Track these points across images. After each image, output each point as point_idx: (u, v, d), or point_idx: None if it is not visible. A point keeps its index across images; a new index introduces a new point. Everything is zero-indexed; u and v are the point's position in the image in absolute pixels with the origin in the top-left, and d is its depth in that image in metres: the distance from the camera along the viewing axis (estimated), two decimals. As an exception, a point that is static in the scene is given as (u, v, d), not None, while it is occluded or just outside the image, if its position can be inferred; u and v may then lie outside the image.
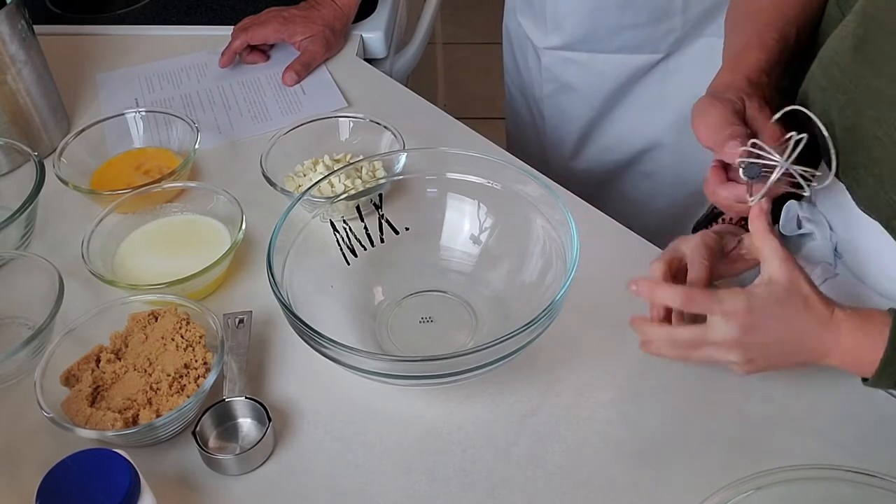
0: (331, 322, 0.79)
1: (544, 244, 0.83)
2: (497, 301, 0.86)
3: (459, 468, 0.74)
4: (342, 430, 0.78)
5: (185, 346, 0.79)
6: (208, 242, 0.93)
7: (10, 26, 1.01)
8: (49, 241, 0.98)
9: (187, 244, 0.94)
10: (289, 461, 0.76)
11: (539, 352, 0.78)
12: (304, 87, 1.21)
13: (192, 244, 0.94)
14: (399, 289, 0.88)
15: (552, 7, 1.22)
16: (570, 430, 0.77)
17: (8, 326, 0.88)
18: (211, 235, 0.94)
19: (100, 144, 1.06)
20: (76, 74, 1.24)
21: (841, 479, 0.66)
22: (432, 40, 1.73)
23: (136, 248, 0.94)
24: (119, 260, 0.92)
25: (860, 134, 0.72)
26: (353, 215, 0.88)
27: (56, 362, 0.78)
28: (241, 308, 0.85)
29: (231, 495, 0.73)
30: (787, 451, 0.74)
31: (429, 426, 0.78)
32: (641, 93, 1.26)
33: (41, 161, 0.96)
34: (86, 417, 0.74)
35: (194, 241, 0.94)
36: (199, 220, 0.96)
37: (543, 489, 0.73)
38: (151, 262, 0.92)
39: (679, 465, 0.74)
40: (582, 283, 0.76)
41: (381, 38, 1.32)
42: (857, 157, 0.73)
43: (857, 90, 0.72)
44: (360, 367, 0.73)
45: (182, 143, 1.07)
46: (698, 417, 0.77)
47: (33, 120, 1.08)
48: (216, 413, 0.77)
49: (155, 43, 1.32)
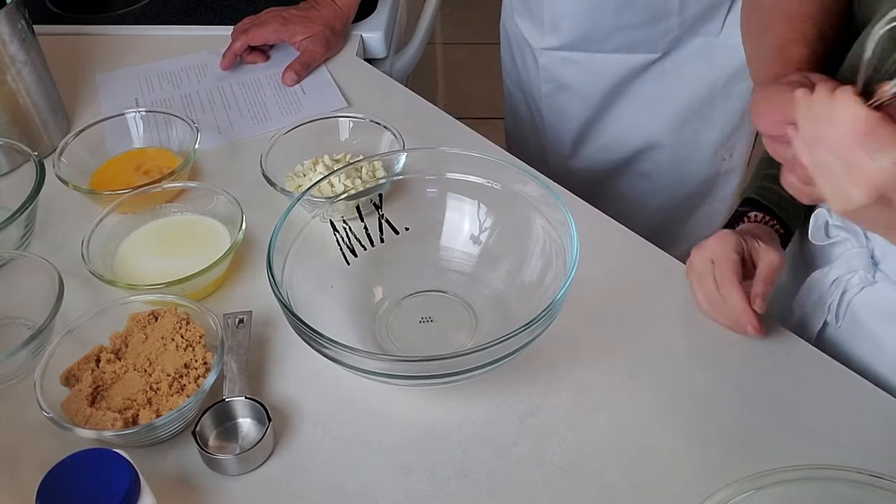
0: (331, 322, 0.79)
1: (544, 244, 0.83)
2: (497, 301, 0.86)
3: (459, 468, 0.74)
4: (342, 430, 0.78)
5: (185, 346, 0.79)
6: (208, 242, 0.93)
7: (10, 26, 1.01)
8: (49, 241, 0.98)
9: (187, 244, 0.94)
10: (289, 461, 0.76)
11: (539, 352, 0.78)
12: (304, 87, 1.21)
13: (192, 244, 0.94)
14: (399, 289, 0.88)
15: (549, 9, 1.22)
16: (570, 430, 0.77)
17: (8, 326, 0.88)
18: (211, 235, 0.94)
19: (100, 144, 1.06)
20: (76, 74, 1.24)
21: (841, 478, 0.66)
22: (432, 40, 1.74)
23: (136, 247, 0.94)
24: (119, 260, 0.92)
25: None
26: (353, 215, 0.88)
27: (56, 362, 0.78)
28: (241, 308, 0.85)
29: (231, 495, 0.73)
30: (787, 451, 0.74)
31: (429, 426, 0.78)
32: (638, 92, 1.27)
33: (41, 161, 0.96)
34: (86, 417, 0.74)
35: (194, 241, 0.94)
36: (199, 220, 0.96)
37: (543, 489, 0.73)
38: (151, 262, 0.92)
39: (679, 465, 0.74)
40: (582, 283, 0.76)
41: (381, 38, 1.32)
42: None
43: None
44: (360, 367, 0.73)
45: (182, 143, 1.07)
46: (698, 417, 0.77)
47: (33, 120, 1.08)
48: (216, 413, 0.77)
49: (155, 43, 1.32)
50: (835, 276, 0.85)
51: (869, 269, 0.82)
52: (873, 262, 0.82)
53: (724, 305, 0.81)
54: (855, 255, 0.83)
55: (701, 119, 1.28)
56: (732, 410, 0.78)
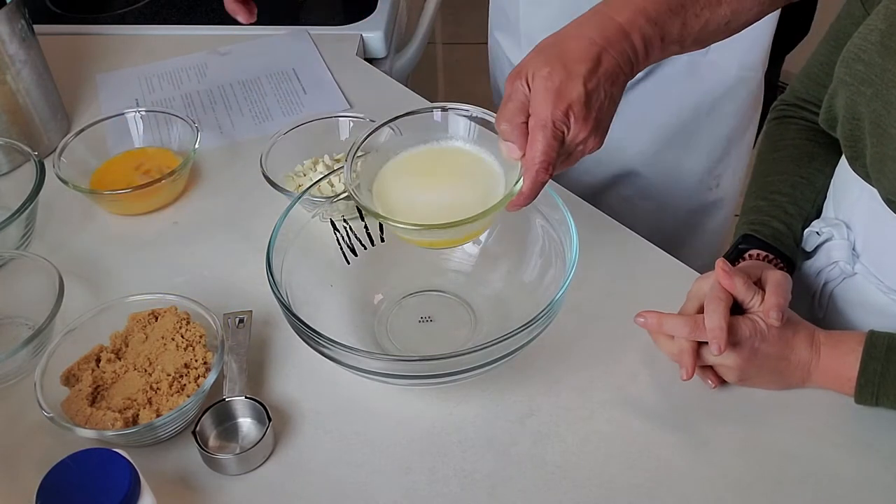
0: (330, 322, 0.79)
1: (544, 244, 0.83)
2: (496, 301, 0.86)
3: (459, 468, 0.74)
4: (342, 430, 0.78)
5: (185, 345, 0.79)
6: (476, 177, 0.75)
7: (9, 26, 1.01)
8: (49, 241, 0.98)
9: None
10: (289, 461, 0.76)
11: (539, 352, 0.78)
12: (305, 86, 1.21)
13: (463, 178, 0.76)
14: (399, 288, 0.88)
15: (525, 22, 1.19)
16: (570, 430, 0.77)
17: (8, 326, 0.88)
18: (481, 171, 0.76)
19: (100, 144, 1.06)
20: (76, 74, 1.24)
21: None
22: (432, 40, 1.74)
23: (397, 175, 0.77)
24: (378, 189, 0.76)
25: (888, 125, 0.73)
26: (353, 215, 0.88)
27: (56, 362, 0.78)
28: (241, 308, 0.85)
29: (231, 495, 0.73)
30: (787, 451, 0.74)
31: (429, 426, 0.78)
32: (620, 112, 1.21)
33: (41, 161, 0.96)
34: (86, 417, 0.74)
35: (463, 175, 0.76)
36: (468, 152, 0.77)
37: (543, 489, 0.73)
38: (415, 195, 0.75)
39: (679, 465, 0.74)
40: (581, 283, 0.76)
41: (381, 37, 1.32)
42: (885, 148, 0.74)
43: (884, 83, 0.73)
44: (359, 366, 0.73)
45: (182, 142, 1.07)
46: (698, 418, 0.77)
47: (33, 120, 1.08)
48: (216, 413, 0.77)
49: (155, 43, 1.32)
50: (818, 267, 0.86)
51: (849, 260, 0.83)
52: (854, 254, 0.83)
53: (692, 323, 0.76)
54: (836, 246, 0.84)
55: (685, 143, 1.21)
56: (732, 411, 0.78)
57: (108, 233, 1.00)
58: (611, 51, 0.69)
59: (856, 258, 0.83)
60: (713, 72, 1.15)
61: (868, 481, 0.72)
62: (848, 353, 0.75)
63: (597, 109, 0.70)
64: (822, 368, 0.76)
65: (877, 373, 0.73)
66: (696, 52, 1.13)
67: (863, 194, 0.80)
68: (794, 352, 0.76)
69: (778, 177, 0.90)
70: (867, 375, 0.73)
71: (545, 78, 0.68)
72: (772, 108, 0.97)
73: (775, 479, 0.72)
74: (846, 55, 0.77)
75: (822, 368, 0.76)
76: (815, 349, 0.76)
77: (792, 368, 0.76)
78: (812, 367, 0.76)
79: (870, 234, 0.81)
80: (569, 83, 0.68)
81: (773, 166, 0.91)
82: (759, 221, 0.87)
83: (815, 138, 0.91)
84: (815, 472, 0.73)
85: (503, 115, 0.70)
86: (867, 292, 0.82)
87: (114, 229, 1.00)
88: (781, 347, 0.75)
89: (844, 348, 0.75)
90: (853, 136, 0.77)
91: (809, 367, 0.76)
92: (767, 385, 0.78)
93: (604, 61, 0.69)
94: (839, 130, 0.80)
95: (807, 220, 0.88)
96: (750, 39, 1.11)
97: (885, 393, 0.73)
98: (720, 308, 0.74)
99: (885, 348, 0.73)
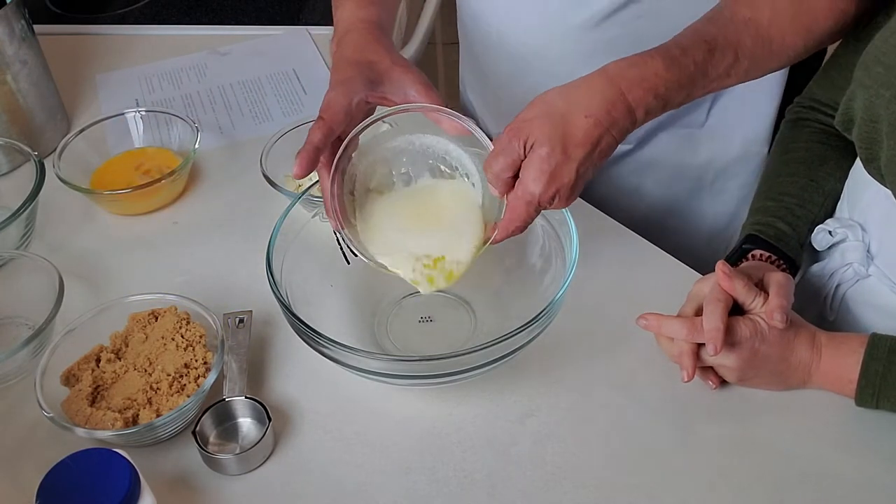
0: (330, 322, 0.79)
1: (544, 244, 0.83)
2: (496, 301, 0.86)
3: (459, 468, 0.74)
4: (342, 430, 0.78)
5: (185, 345, 0.79)
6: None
7: (9, 26, 1.01)
8: (49, 241, 0.98)
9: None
10: (289, 461, 0.76)
11: (539, 352, 0.78)
12: (305, 87, 1.21)
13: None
14: (398, 288, 0.88)
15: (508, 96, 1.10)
16: (570, 430, 0.77)
17: (8, 326, 0.88)
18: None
19: (100, 144, 1.06)
20: (76, 74, 1.24)
21: None
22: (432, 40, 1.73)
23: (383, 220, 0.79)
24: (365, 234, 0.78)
25: None
26: (353, 215, 0.88)
27: (56, 362, 0.78)
28: (241, 308, 0.85)
29: (231, 495, 0.73)
30: (787, 451, 0.74)
31: (429, 426, 0.78)
32: (616, 179, 1.14)
33: (41, 161, 0.96)
34: (86, 417, 0.74)
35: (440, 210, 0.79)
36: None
37: (543, 489, 0.73)
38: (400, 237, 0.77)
39: (679, 465, 0.74)
40: (582, 282, 0.76)
41: (381, 37, 1.31)
42: None
43: None
44: (359, 366, 0.73)
45: (182, 142, 1.07)
46: (698, 418, 0.77)
47: (33, 120, 1.08)
48: (216, 413, 0.77)
49: (155, 43, 1.32)
50: (831, 269, 0.85)
51: (863, 262, 0.83)
52: (869, 255, 0.83)
53: (690, 325, 0.76)
54: (851, 247, 0.84)
55: (685, 215, 1.16)
56: (732, 411, 0.78)
57: (108, 233, 1.00)
58: (612, 131, 0.71)
59: (870, 260, 0.83)
60: (714, 143, 1.10)
61: (868, 482, 0.72)
62: (849, 354, 0.75)
63: (581, 186, 0.72)
64: (822, 370, 0.76)
65: (878, 374, 0.73)
66: (691, 125, 1.09)
67: (878, 196, 0.80)
68: (795, 353, 0.76)
69: (788, 178, 0.90)
70: (868, 377, 0.73)
71: (543, 158, 0.69)
72: (787, 111, 0.96)
73: (775, 480, 0.72)
74: (866, 58, 0.77)
75: (822, 370, 0.76)
76: (815, 350, 0.76)
77: (792, 370, 0.76)
78: (813, 368, 0.76)
79: (885, 236, 0.81)
80: (564, 167, 0.69)
81: (783, 168, 0.91)
82: (765, 222, 0.87)
83: (828, 141, 0.91)
84: (815, 472, 0.73)
85: (492, 166, 0.72)
86: (880, 294, 0.82)
87: (114, 229, 1.00)
88: (782, 348, 0.75)
89: (846, 350, 0.75)
90: (870, 138, 0.77)
91: (810, 368, 0.76)
92: (767, 386, 0.78)
93: (602, 142, 0.71)
94: (855, 132, 0.80)
95: (813, 223, 0.88)
96: (754, 112, 1.08)
97: (885, 395, 0.73)
98: (718, 309, 0.74)
99: (887, 350, 0.73)
